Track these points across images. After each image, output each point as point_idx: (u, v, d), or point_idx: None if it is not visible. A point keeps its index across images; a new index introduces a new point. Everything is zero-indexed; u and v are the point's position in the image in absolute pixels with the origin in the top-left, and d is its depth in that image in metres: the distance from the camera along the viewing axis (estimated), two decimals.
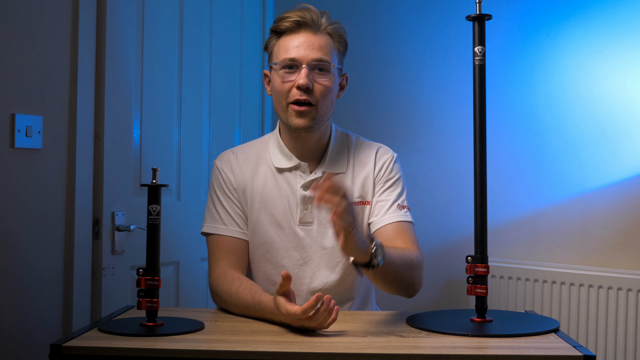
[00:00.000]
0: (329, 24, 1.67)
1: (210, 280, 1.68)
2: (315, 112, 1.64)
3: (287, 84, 1.64)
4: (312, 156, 1.72)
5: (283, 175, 1.71)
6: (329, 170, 1.71)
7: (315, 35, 1.65)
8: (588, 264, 2.53)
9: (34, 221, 1.96)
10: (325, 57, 1.64)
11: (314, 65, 1.63)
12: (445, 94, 2.81)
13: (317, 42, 1.64)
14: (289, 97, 1.64)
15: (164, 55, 2.40)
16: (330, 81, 1.65)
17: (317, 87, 1.63)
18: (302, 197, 1.69)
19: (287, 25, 1.65)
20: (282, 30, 1.66)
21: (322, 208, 1.31)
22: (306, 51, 1.63)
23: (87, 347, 1.28)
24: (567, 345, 1.28)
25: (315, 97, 1.63)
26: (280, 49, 1.66)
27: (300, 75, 1.62)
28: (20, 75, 1.92)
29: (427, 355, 1.24)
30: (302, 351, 1.24)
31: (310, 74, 1.62)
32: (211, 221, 1.72)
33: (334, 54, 1.67)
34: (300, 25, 1.64)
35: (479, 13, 1.46)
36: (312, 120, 1.64)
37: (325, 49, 1.65)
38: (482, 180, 1.46)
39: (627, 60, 2.47)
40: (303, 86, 1.61)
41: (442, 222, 2.78)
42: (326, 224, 1.69)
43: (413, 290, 1.63)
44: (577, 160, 2.56)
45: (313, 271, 1.69)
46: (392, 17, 2.90)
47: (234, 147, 1.81)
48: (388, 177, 1.73)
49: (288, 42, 1.65)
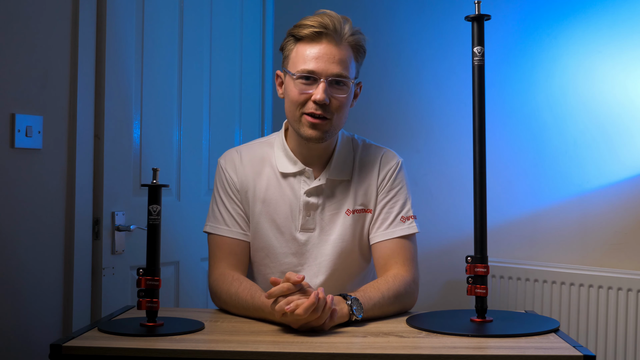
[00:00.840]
0: (350, 34, 1.62)
1: (210, 281, 1.68)
2: (329, 125, 1.62)
3: (304, 95, 1.60)
4: (318, 162, 1.70)
5: (287, 180, 1.70)
6: (333, 177, 1.69)
7: (336, 46, 1.59)
8: (588, 264, 2.53)
9: (34, 221, 1.96)
10: (345, 72, 1.60)
11: (333, 80, 1.59)
12: (445, 94, 2.81)
13: (338, 55, 1.59)
14: (304, 109, 1.61)
15: (164, 55, 2.40)
16: (347, 96, 1.62)
17: (333, 101, 1.60)
18: (305, 203, 1.68)
19: (307, 33, 1.59)
20: (301, 37, 1.61)
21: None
22: (326, 64, 1.58)
23: (87, 347, 1.28)
24: (567, 345, 1.28)
25: (330, 112, 1.61)
26: (298, 57, 1.61)
27: (318, 90, 1.58)
28: (20, 75, 1.92)
29: (427, 355, 1.24)
30: (302, 351, 1.24)
31: (328, 88, 1.59)
32: (213, 221, 1.72)
33: (352, 66, 1.63)
34: (321, 35, 1.59)
35: (478, 13, 1.46)
36: (324, 133, 1.62)
37: (345, 63, 1.60)
38: (482, 180, 1.46)
39: (627, 60, 2.47)
40: (320, 101, 1.58)
41: (442, 222, 2.78)
42: (327, 232, 1.69)
43: (406, 310, 1.64)
44: (577, 160, 2.56)
45: (311, 277, 1.68)
46: (392, 17, 2.90)
47: (238, 146, 1.79)
48: (391, 186, 1.71)
49: (308, 51, 1.59)
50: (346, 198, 1.69)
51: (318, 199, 1.68)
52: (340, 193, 1.70)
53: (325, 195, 1.69)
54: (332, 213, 1.69)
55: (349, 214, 1.69)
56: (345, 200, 1.69)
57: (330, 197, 1.69)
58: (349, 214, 1.69)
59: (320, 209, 1.68)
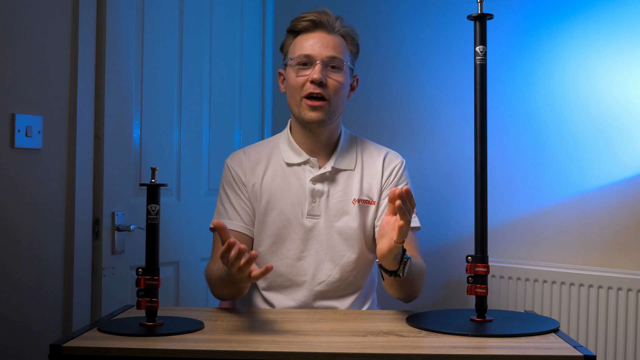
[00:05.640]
0: (342, 27, 1.76)
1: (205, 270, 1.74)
2: (328, 106, 1.71)
3: (302, 78, 1.71)
4: (322, 152, 1.78)
5: (292, 169, 1.77)
6: (338, 166, 1.76)
7: (329, 35, 1.73)
8: (588, 263, 2.53)
9: (34, 221, 1.96)
10: (339, 55, 1.72)
11: (328, 62, 1.71)
12: (445, 94, 2.80)
13: (332, 41, 1.72)
14: (302, 91, 1.71)
15: (164, 55, 2.40)
16: (343, 78, 1.73)
17: (330, 82, 1.70)
18: (311, 190, 1.74)
19: (304, 25, 1.73)
20: (298, 30, 1.74)
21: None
22: (320, 49, 1.71)
23: (86, 347, 1.28)
24: (567, 345, 1.28)
25: (328, 92, 1.70)
26: (296, 47, 1.74)
27: (315, 70, 1.69)
28: (20, 75, 1.92)
29: (427, 355, 1.24)
30: (302, 351, 1.24)
31: (324, 70, 1.70)
32: (217, 216, 1.78)
33: (346, 54, 1.75)
34: (316, 25, 1.73)
35: (480, 13, 1.46)
36: (325, 114, 1.71)
37: (339, 48, 1.73)
38: (483, 180, 1.46)
39: (627, 60, 2.47)
40: (317, 80, 1.68)
41: (442, 222, 2.78)
42: (333, 219, 1.73)
43: (415, 297, 1.69)
44: (577, 160, 2.56)
45: (317, 263, 1.72)
46: (392, 17, 2.90)
47: (245, 147, 1.87)
48: (398, 182, 1.79)
49: (304, 40, 1.73)
50: (352, 187, 1.76)
51: (323, 185, 1.75)
52: (346, 182, 1.76)
53: (331, 184, 1.75)
54: (338, 201, 1.74)
55: (355, 202, 1.75)
56: (352, 190, 1.75)
57: (335, 186, 1.75)
58: (355, 203, 1.75)
59: (325, 195, 1.74)
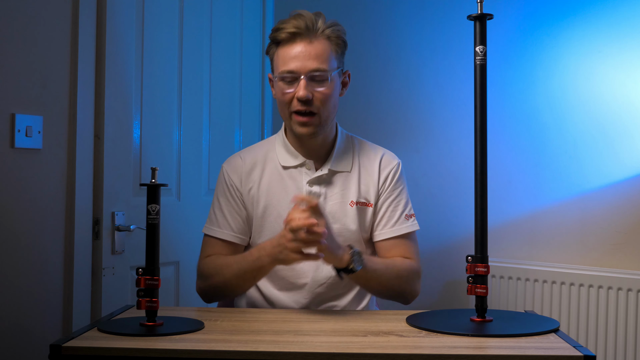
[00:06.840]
0: (325, 27, 1.67)
1: (197, 269, 1.75)
2: (318, 119, 1.67)
3: (288, 94, 1.67)
4: (318, 155, 1.76)
5: (288, 172, 1.76)
6: (334, 168, 1.75)
7: (311, 43, 1.64)
8: (588, 263, 2.53)
9: (34, 221, 1.96)
10: (322, 66, 1.64)
11: (312, 75, 1.64)
12: (445, 94, 2.81)
13: (314, 50, 1.64)
14: (291, 107, 1.68)
15: (164, 56, 2.40)
16: (329, 88, 1.66)
17: (316, 95, 1.66)
18: (308, 192, 1.73)
19: (283, 37, 1.65)
20: (278, 41, 1.67)
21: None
22: (303, 62, 1.63)
23: (86, 347, 1.28)
24: (567, 345, 1.28)
25: (316, 106, 1.66)
26: (279, 60, 1.67)
27: (300, 87, 1.64)
28: (20, 75, 1.92)
29: (427, 355, 1.23)
30: (302, 351, 1.24)
31: (309, 84, 1.64)
32: (208, 223, 1.79)
33: (332, 59, 1.67)
34: (295, 36, 1.64)
35: (480, 13, 1.46)
36: (315, 128, 1.68)
37: (322, 56, 1.65)
38: (483, 180, 1.46)
39: (627, 60, 2.47)
40: (302, 98, 1.64)
41: (442, 222, 2.78)
42: (331, 222, 1.71)
43: (404, 298, 1.70)
44: (577, 160, 2.56)
45: (317, 264, 1.71)
46: (392, 17, 2.90)
47: (241, 151, 1.85)
48: (395, 186, 1.77)
49: (285, 52, 1.65)
50: (349, 189, 1.75)
51: (320, 188, 1.74)
52: (343, 184, 1.75)
53: (328, 186, 1.74)
54: (335, 203, 1.73)
55: (352, 205, 1.74)
56: (349, 192, 1.74)
57: (332, 188, 1.74)
58: (353, 205, 1.74)
59: (323, 198, 1.73)
